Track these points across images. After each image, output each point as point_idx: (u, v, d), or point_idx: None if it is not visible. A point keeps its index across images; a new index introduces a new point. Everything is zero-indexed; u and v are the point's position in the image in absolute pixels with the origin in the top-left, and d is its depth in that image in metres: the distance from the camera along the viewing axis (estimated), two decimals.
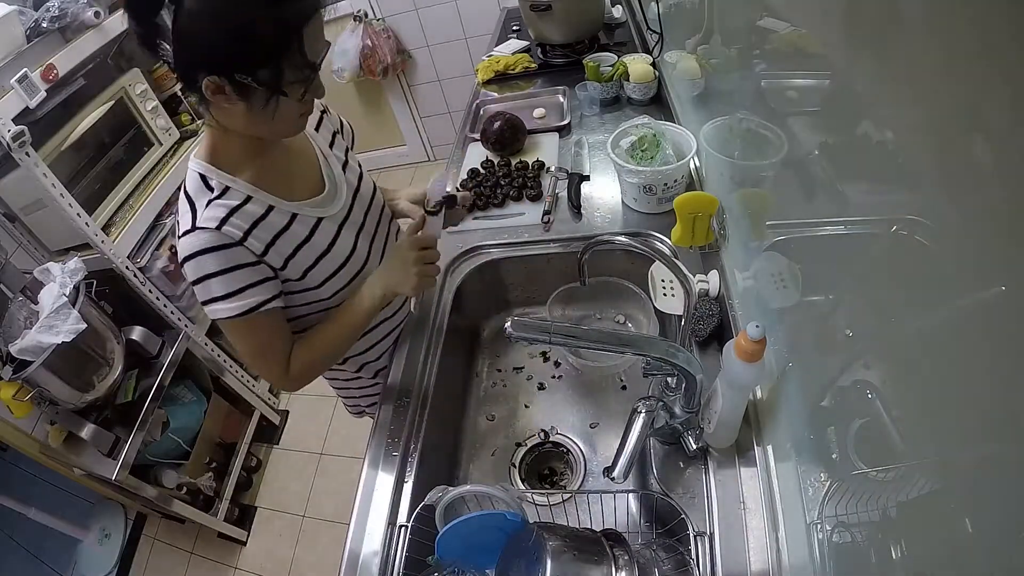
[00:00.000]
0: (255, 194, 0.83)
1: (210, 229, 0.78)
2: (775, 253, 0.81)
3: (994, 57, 0.34)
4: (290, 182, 0.88)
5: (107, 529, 2.12)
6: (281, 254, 0.85)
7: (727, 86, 1.04)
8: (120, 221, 1.76)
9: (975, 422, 0.39)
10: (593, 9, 1.85)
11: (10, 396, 1.47)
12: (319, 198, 0.91)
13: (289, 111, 0.77)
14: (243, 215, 0.81)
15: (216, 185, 0.81)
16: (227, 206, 0.80)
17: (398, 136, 3.46)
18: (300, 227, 0.87)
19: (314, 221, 0.89)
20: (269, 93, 0.73)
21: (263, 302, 0.83)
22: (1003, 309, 0.36)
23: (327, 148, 0.97)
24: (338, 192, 0.94)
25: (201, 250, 0.78)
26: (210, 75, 0.71)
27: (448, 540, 0.76)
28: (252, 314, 0.82)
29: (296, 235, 0.87)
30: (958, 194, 0.40)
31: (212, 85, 0.71)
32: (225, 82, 0.71)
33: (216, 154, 0.82)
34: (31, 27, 1.55)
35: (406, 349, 1.12)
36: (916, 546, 0.46)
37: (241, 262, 0.81)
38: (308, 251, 0.88)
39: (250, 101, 0.74)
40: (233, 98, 0.73)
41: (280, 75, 0.72)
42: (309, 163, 0.94)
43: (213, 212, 0.79)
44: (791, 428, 0.73)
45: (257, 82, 0.71)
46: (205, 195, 0.81)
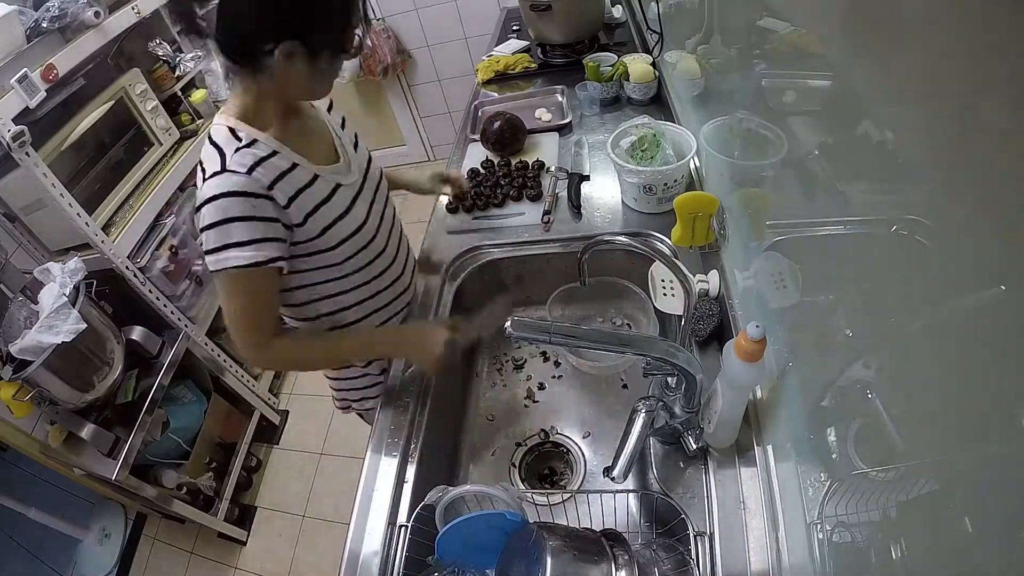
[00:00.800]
0: (281, 149, 0.85)
1: (240, 173, 0.80)
2: (775, 253, 0.81)
3: (994, 57, 0.34)
4: (311, 146, 0.92)
5: (107, 529, 2.12)
6: (302, 209, 0.86)
7: (727, 86, 1.04)
8: (120, 221, 1.76)
9: (975, 422, 0.39)
10: (593, 9, 1.85)
11: (10, 396, 1.47)
12: (336, 166, 0.95)
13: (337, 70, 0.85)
14: (270, 166, 0.83)
15: (244, 136, 0.83)
16: (255, 155, 0.82)
17: (398, 136, 3.46)
18: (320, 188, 0.89)
19: (333, 185, 0.92)
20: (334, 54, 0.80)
21: (275, 258, 0.84)
22: (1003, 309, 0.36)
23: (339, 128, 1.01)
24: (351, 165, 0.98)
25: (230, 191, 0.79)
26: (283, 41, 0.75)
27: (448, 540, 0.76)
28: (261, 267, 0.83)
29: (317, 194, 0.89)
30: (958, 194, 0.40)
31: (287, 50, 0.76)
32: (299, 46, 0.76)
33: (245, 113, 0.85)
34: (31, 27, 1.55)
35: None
36: (916, 546, 0.46)
37: (265, 214, 0.82)
38: (327, 211, 0.90)
39: (316, 62, 0.79)
40: (301, 61, 0.78)
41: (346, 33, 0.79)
42: (326, 137, 0.98)
43: (243, 158, 0.81)
44: (791, 428, 0.73)
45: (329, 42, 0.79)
46: (233, 143, 0.82)
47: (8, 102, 1.39)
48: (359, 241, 0.96)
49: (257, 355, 0.93)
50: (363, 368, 1.16)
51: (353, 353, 1.02)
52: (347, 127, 1.05)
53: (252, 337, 0.91)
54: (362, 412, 1.30)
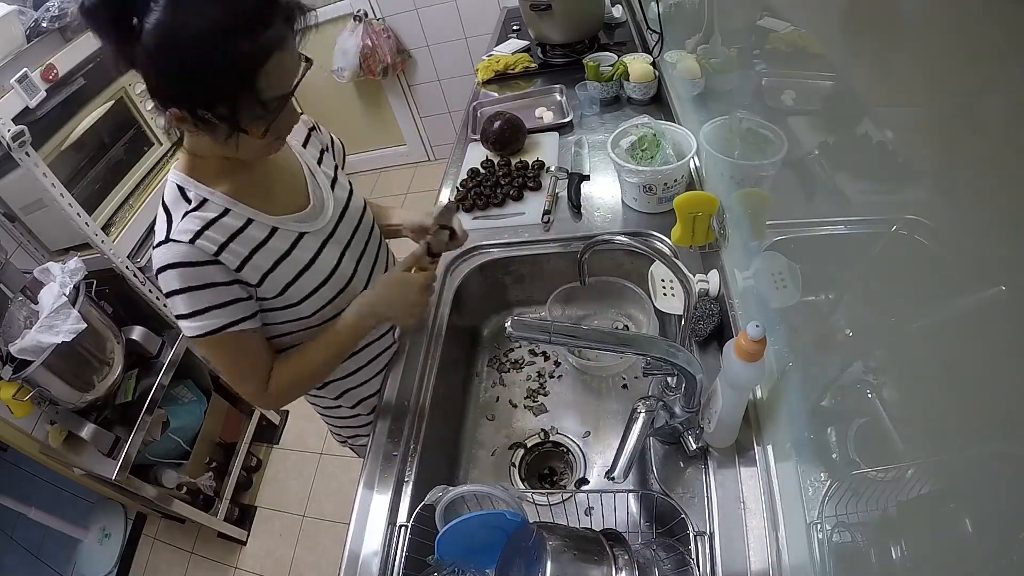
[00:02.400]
0: (233, 207, 0.81)
1: (183, 243, 0.77)
2: (775, 253, 0.81)
3: (994, 57, 0.34)
4: (271, 196, 0.86)
5: (107, 529, 2.12)
6: (258, 269, 0.83)
7: (727, 86, 1.04)
8: (120, 221, 1.76)
9: (975, 422, 0.39)
10: (593, 9, 1.85)
11: (10, 396, 1.47)
12: (302, 213, 0.89)
13: (253, 142, 0.76)
14: (219, 228, 0.79)
15: (194, 197, 0.80)
16: (203, 218, 0.79)
17: (398, 136, 3.46)
18: (280, 241, 0.85)
19: (295, 236, 0.87)
20: (229, 129, 0.71)
21: (229, 324, 0.81)
22: (1003, 309, 0.36)
23: (315, 165, 0.95)
24: (324, 208, 0.92)
25: (171, 263, 0.77)
26: (171, 106, 0.70)
27: (448, 540, 0.76)
28: (218, 334, 0.81)
29: (275, 250, 0.85)
30: (958, 194, 0.40)
31: (175, 115, 0.71)
32: (186, 114, 0.70)
33: (194, 167, 0.81)
34: (31, 27, 1.55)
35: (406, 349, 1.12)
36: (916, 546, 0.46)
37: (210, 281, 0.79)
38: (287, 266, 0.86)
39: (213, 133, 0.73)
40: (195, 129, 0.72)
41: (236, 115, 0.70)
42: (293, 178, 0.92)
43: (188, 224, 0.78)
44: (791, 428, 0.73)
45: (216, 118, 0.70)
46: (182, 206, 0.80)
47: (8, 102, 1.39)
48: (328, 292, 0.91)
49: (262, 401, 0.92)
50: (352, 408, 1.13)
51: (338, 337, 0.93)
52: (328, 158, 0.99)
53: (251, 387, 0.89)
54: (355, 448, 1.29)
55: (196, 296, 0.78)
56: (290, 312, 0.89)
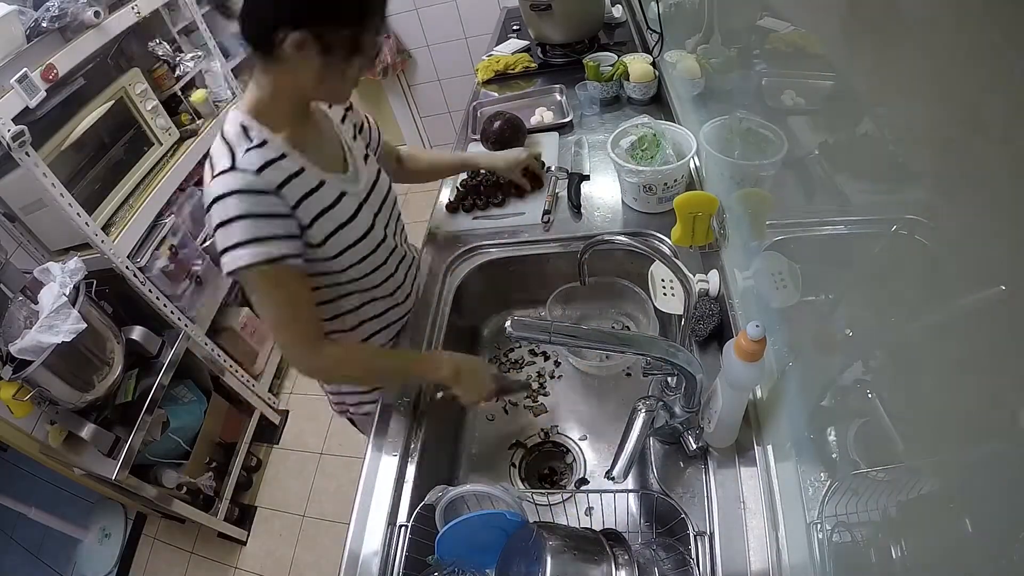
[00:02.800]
0: (290, 153, 0.85)
1: (250, 171, 0.79)
2: (775, 253, 0.81)
3: (994, 57, 0.34)
4: (321, 153, 0.91)
5: (107, 529, 2.12)
6: (309, 212, 0.86)
7: (727, 86, 1.04)
8: (120, 221, 1.76)
9: (975, 422, 0.39)
10: (593, 9, 1.85)
11: (10, 396, 1.47)
12: (345, 175, 0.94)
13: (352, 74, 0.82)
14: (279, 169, 0.82)
15: (256, 136, 0.83)
16: (265, 156, 0.81)
17: (398, 136, 3.46)
18: (327, 193, 0.89)
19: (339, 192, 0.91)
20: (349, 52, 0.77)
21: (289, 255, 0.82)
22: (1003, 309, 0.36)
23: (350, 139, 1.01)
24: (359, 175, 0.98)
25: (238, 190, 0.78)
26: (297, 30, 0.73)
27: (448, 540, 0.76)
28: (278, 264, 0.81)
29: (323, 199, 0.88)
30: (958, 194, 0.40)
31: (298, 40, 0.74)
32: (309, 37, 0.74)
33: (259, 110, 0.84)
34: (31, 27, 1.55)
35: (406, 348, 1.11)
36: (916, 546, 0.46)
37: (275, 211, 0.81)
38: (331, 218, 0.89)
39: (329, 58, 0.77)
40: (312, 55, 0.76)
41: (362, 35, 0.77)
42: (337, 145, 0.98)
43: (252, 157, 0.80)
44: (791, 428, 0.73)
45: (341, 40, 0.76)
46: (244, 143, 0.82)
47: (8, 102, 1.39)
48: (362, 250, 0.95)
49: (305, 361, 0.92)
50: None
51: (402, 373, 1.01)
52: (360, 138, 1.05)
53: (303, 341, 0.89)
54: (357, 417, 1.28)
55: (259, 223, 0.80)
56: (324, 265, 0.92)
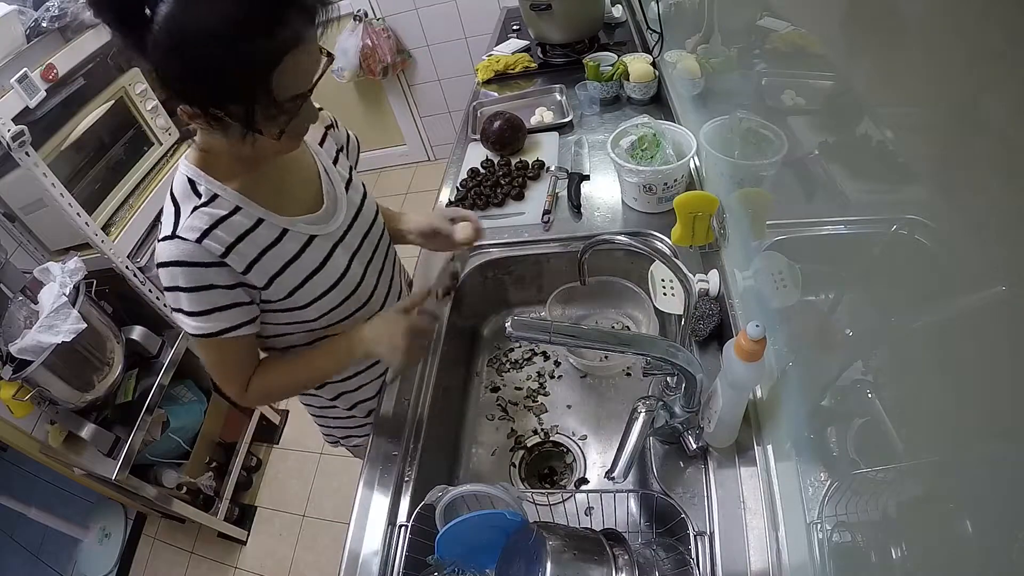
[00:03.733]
0: (245, 205, 0.78)
1: (189, 241, 0.74)
2: (775, 252, 0.81)
3: (994, 57, 0.34)
4: (284, 196, 0.84)
5: (107, 529, 2.12)
6: (265, 272, 0.81)
7: (727, 85, 1.04)
8: (120, 221, 1.76)
9: (975, 422, 0.39)
10: (593, 9, 1.85)
11: (10, 396, 1.47)
12: (315, 215, 0.86)
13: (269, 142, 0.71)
14: (229, 226, 0.76)
15: (204, 191, 0.77)
16: (213, 215, 0.76)
17: (398, 136, 3.46)
18: (290, 243, 0.83)
19: (306, 238, 0.84)
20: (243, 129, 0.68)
21: (229, 328, 0.80)
22: (1003, 309, 0.36)
23: (330, 165, 0.92)
24: (336, 210, 0.90)
25: (176, 261, 0.75)
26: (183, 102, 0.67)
27: (448, 540, 0.76)
28: (216, 337, 0.80)
29: (284, 252, 0.82)
30: (958, 194, 0.40)
31: (186, 112, 0.68)
32: (198, 112, 0.67)
33: (207, 160, 0.78)
34: (31, 27, 1.55)
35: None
36: (916, 546, 0.46)
37: (216, 283, 0.77)
38: (296, 270, 0.83)
39: (226, 132, 0.69)
40: (209, 127, 0.69)
41: (251, 115, 0.66)
42: (308, 177, 0.89)
43: (196, 220, 0.75)
44: (791, 428, 0.73)
45: (230, 117, 0.67)
46: (191, 200, 0.76)
47: (8, 102, 1.39)
48: (336, 296, 0.89)
49: (242, 400, 0.91)
50: (348, 410, 1.11)
51: (325, 362, 0.92)
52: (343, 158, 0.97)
53: (232, 387, 0.88)
54: (350, 449, 1.27)
55: (197, 297, 0.77)
56: (294, 315, 0.88)
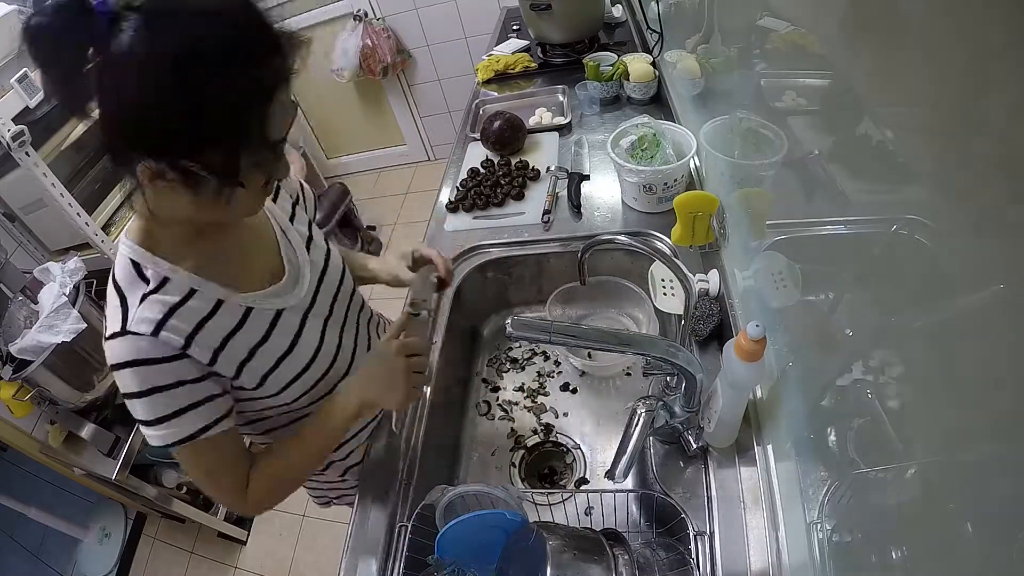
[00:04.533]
0: (200, 287, 0.68)
1: (144, 335, 0.63)
2: (775, 252, 0.81)
3: (994, 57, 0.34)
4: (243, 268, 0.74)
5: (107, 528, 2.12)
6: (233, 360, 0.70)
7: (727, 85, 1.04)
8: (120, 221, 1.76)
9: (975, 422, 0.39)
10: (593, 9, 1.85)
11: (10, 396, 1.47)
12: (278, 285, 0.76)
13: (246, 197, 0.62)
14: (185, 313, 0.65)
15: (152, 275, 0.65)
16: (165, 303, 0.64)
17: (398, 136, 3.46)
18: (256, 324, 0.72)
19: (272, 315, 0.75)
20: (222, 183, 0.57)
21: (207, 426, 0.68)
22: (1003, 308, 0.36)
23: (287, 222, 0.82)
24: (300, 276, 0.80)
25: (132, 361, 0.63)
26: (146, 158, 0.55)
27: (448, 540, 0.76)
28: (193, 441, 0.68)
29: (251, 335, 0.72)
30: (958, 194, 0.40)
31: (148, 172, 0.56)
32: (165, 168, 0.55)
33: (151, 237, 0.66)
34: None
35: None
36: (916, 546, 0.46)
37: (182, 378, 0.66)
38: (265, 353, 0.73)
39: (197, 190, 0.58)
40: (175, 186, 0.57)
41: (236, 162, 0.57)
42: (266, 243, 0.79)
43: (148, 311, 0.63)
44: (791, 427, 0.73)
45: (208, 170, 0.56)
46: (139, 287, 0.65)
47: (8, 102, 1.39)
48: (314, 373, 0.79)
49: (244, 509, 0.78)
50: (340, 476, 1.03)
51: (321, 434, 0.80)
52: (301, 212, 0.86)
53: (230, 496, 0.76)
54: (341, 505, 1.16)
55: (163, 399, 0.65)
56: (269, 401, 0.78)
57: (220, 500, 0.80)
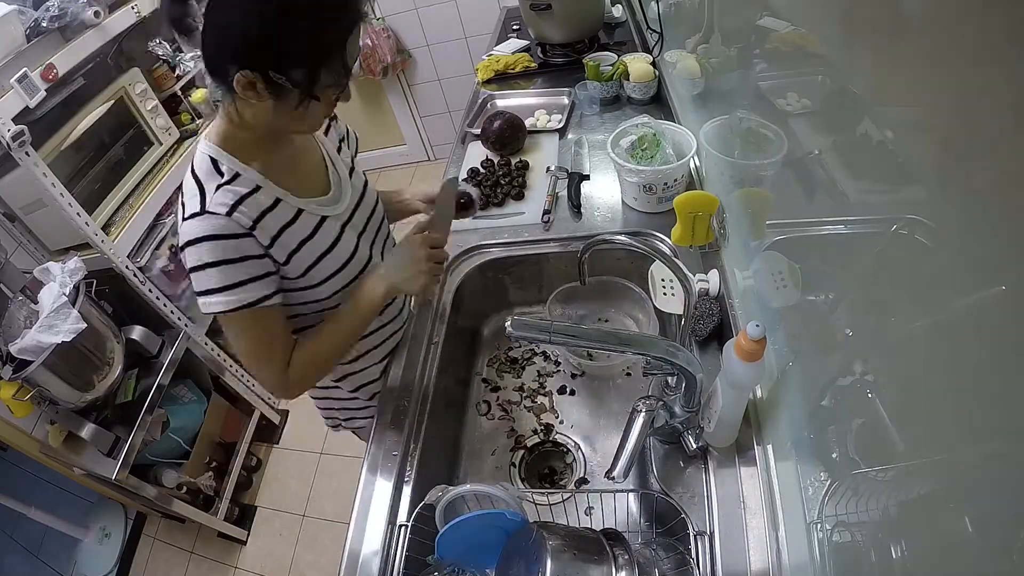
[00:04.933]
0: (264, 184, 0.81)
1: (220, 215, 0.76)
2: (775, 252, 0.81)
3: (994, 57, 0.34)
4: (297, 178, 0.87)
5: (107, 528, 2.12)
6: (286, 248, 0.83)
7: (727, 85, 1.04)
8: (120, 221, 1.76)
9: (975, 422, 0.39)
10: (593, 9, 1.85)
11: (10, 396, 1.47)
12: (325, 197, 0.91)
13: (316, 112, 0.77)
14: (252, 204, 0.79)
15: (227, 170, 0.79)
16: (237, 192, 0.78)
17: (398, 136, 3.46)
18: (304, 223, 0.86)
19: (318, 219, 0.88)
20: (302, 95, 0.72)
21: (264, 297, 0.81)
22: (1003, 309, 0.36)
23: (335, 153, 0.97)
24: (343, 194, 0.94)
25: (209, 235, 0.76)
26: (243, 69, 0.69)
27: (448, 539, 0.76)
28: (251, 308, 0.80)
29: (301, 231, 0.85)
30: (958, 194, 0.40)
31: (244, 80, 0.69)
32: (258, 78, 0.69)
33: (229, 139, 0.80)
34: (31, 27, 1.55)
35: (406, 349, 1.11)
36: (916, 546, 0.46)
37: (248, 253, 0.79)
38: (311, 248, 0.86)
39: (282, 100, 0.73)
40: (264, 95, 0.71)
41: (317, 79, 0.71)
42: (316, 164, 0.93)
43: (223, 197, 0.77)
44: (791, 427, 0.73)
45: (292, 83, 0.70)
46: (215, 178, 0.78)
47: (8, 102, 1.39)
48: (346, 275, 0.92)
49: (284, 388, 0.90)
50: (351, 392, 1.12)
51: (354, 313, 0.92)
52: (345, 148, 1.01)
53: (274, 372, 0.87)
54: (352, 430, 1.27)
55: (231, 269, 0.77)
56: (308, 294, 0.90)
57: (262, 375, 0.88)
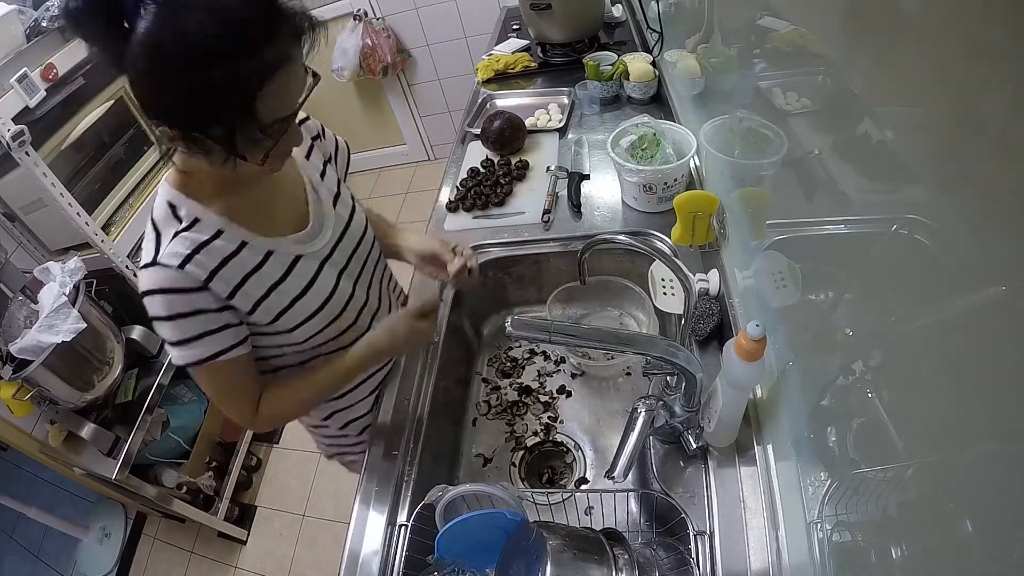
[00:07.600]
0: (227, 228, 0.76)
1: (172, 267, 0.71)
2: (775, 252, 0.81)
3: (994, 57, 0.34)
4: (269, 215, 0.81)
5: (107, 528, 2.12)
6: (250, 297, 0.78)
7: (727, 85, 1.04)
8: (120, 220, 1.76)
9: (975, 421, 0.39)
10: (593, 8, 1.85)
11: (10, 396, 1.47)
12: (301, 234, 0.84)
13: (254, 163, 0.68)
14: (211, 252, 0.74)
15: (185, 215, 0.74)
16: (194, 240, 0.73)
17: (398, 135, 3.46)
18: (274, 266, 0.80)
19: (291, 259, 0.82)
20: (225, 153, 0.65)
21: (220, 351, 0.76)
22: (1003, 309, 0.36)
23: (317, 179, 0.90)
24: (323, 228, 0.87)
25: (159, 288, 0.72)
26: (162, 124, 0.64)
27: (448, 539, 0.76)
28: (207, 363, 0.76)
29: (269, 275, 0.79)
30: (958, 194, 0.40)
31: (168, 134, 0.64)
32: (179, 134, 0.64)
33: (188, 182, 0.75)
34: (31, 26, 1.55)
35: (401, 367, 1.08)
36: (916, 546, 0.46)
37: (201, 307, 0.74)
38: (281, 293, 0.81)
39: (207, 156, 0.66)
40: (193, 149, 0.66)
41: (233, 138, 0.64)
42: (294, 194, 0.86)
43: (178, 246, 0.72)
44: (791, 427, 0.73)
45: (213, 140, 0.64)
46: (172, 225, 0.74)
47: (8, 102, 1.39)
48: (324, 317, 0.86)
49: (254, 425, 0.88)
50: (340, 429, 1.09)
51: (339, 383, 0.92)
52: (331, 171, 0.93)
53: (237, 413, 0.85)
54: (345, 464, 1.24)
55: (184, 323, 0.74)
56: (282, 338, 0.85)
57: (230, 414, 0.87)
